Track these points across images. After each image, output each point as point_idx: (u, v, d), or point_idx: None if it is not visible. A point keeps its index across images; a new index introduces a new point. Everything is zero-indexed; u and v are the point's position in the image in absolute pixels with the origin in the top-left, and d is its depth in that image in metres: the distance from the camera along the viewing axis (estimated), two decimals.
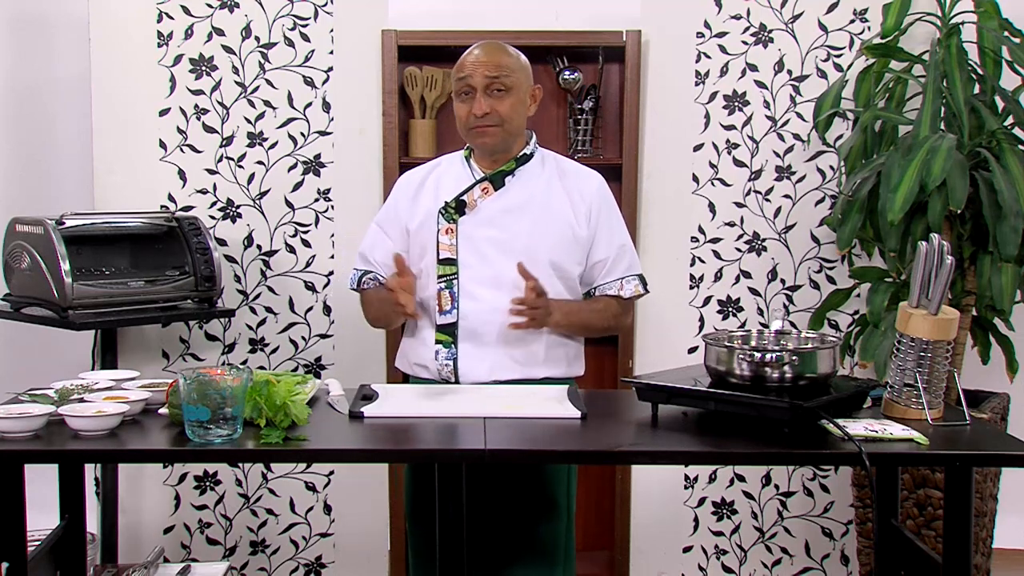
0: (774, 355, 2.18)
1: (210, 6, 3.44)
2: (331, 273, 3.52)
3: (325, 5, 3.45)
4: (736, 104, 3.49)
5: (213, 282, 3.25)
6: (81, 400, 2.22)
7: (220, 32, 3.44)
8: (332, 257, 3.51)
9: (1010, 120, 3.16)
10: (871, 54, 3.25)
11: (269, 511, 3.56)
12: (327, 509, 3.57)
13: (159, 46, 3.43)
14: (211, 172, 3.48)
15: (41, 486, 2.44)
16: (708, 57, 3.48)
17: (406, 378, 2.73)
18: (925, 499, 3.10)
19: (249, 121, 3.47)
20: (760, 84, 3.48)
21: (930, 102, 3.03)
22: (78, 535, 2.54)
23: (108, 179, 3.45)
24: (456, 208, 2.56)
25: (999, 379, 3.28)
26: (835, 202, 3.41)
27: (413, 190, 2.66)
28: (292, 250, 3.51)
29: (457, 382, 2.55)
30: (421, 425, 2.23)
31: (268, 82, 3.46)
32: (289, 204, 3.50)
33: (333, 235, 3.51)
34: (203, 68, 3.45)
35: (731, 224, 3.52)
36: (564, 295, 2.59)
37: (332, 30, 3.46)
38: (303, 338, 3.54)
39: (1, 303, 3.25)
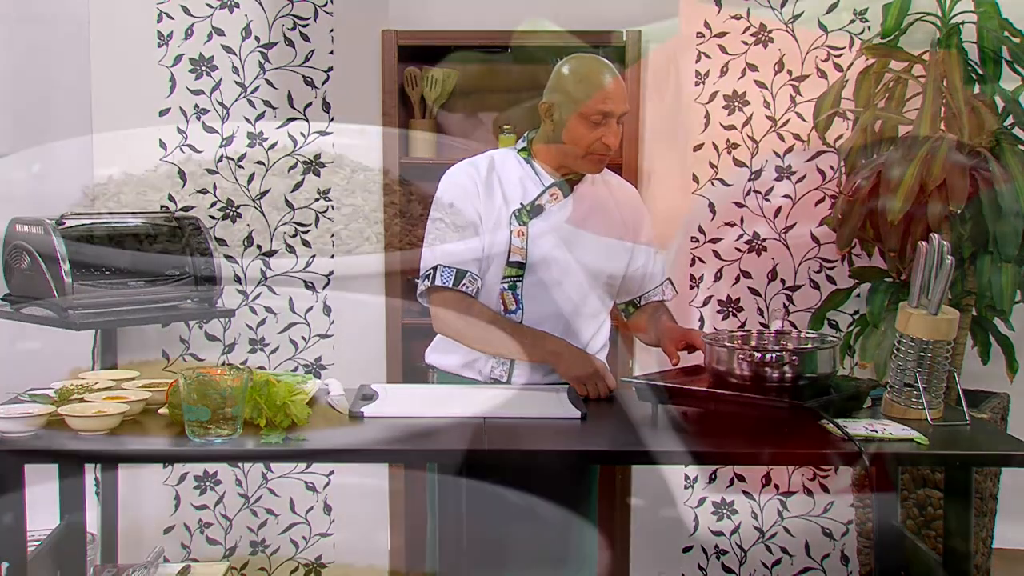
0: (774, 355, 2.19)
1: (210, 6, 3.44)
2: (331, 273, 3.52)
3: (325, 5, 3.45)
4: (736, 104, 3.49)
5: (213, 282, 3.25)
6: (81, 400, 2.22)
7: (220, 32, 3.44)
8: (332, 257, 3.51)
9: (1010, 120, 3.16)
10: (871, 54, 3.25)
11: (269, 511, 3.56)
12: (327, 509, 3.57)
13: (159, 46, 3.43)
14: (211, 172, 3.48)
15: (41, 486, 2.43)
16: (708, 57, 3.48)
17: (431, 377, 2.70)
18: (925, 499, 3.09)
19: (249, 121, 3.47)
20: (760, 84, 3.48)
21: (930, 102, 3.03)
22: (78, 535, 2.54)
23: (108, 179, 3.45)
24: (531, 212, 2.54)
25: (999, 379, 3.27)
26: (835, 202, 3.41)
27: (482, 188, 2.55)
28: (292, 250, 3.51)
29: (508, 382, 2.54)
30: (421, 425, 2.23)
31: (268, 82, 3.46)
32: (289, 204, 3.50)
33: (333, 235, 3.51)
34: (203, 68, 3.45)
35: (731, 224, 3.52)
36: (605, 300, 2.64)
37: (332, 30, 3.46)
38: (303, 338, 3.54)
39: (1, 303, 3.25)
